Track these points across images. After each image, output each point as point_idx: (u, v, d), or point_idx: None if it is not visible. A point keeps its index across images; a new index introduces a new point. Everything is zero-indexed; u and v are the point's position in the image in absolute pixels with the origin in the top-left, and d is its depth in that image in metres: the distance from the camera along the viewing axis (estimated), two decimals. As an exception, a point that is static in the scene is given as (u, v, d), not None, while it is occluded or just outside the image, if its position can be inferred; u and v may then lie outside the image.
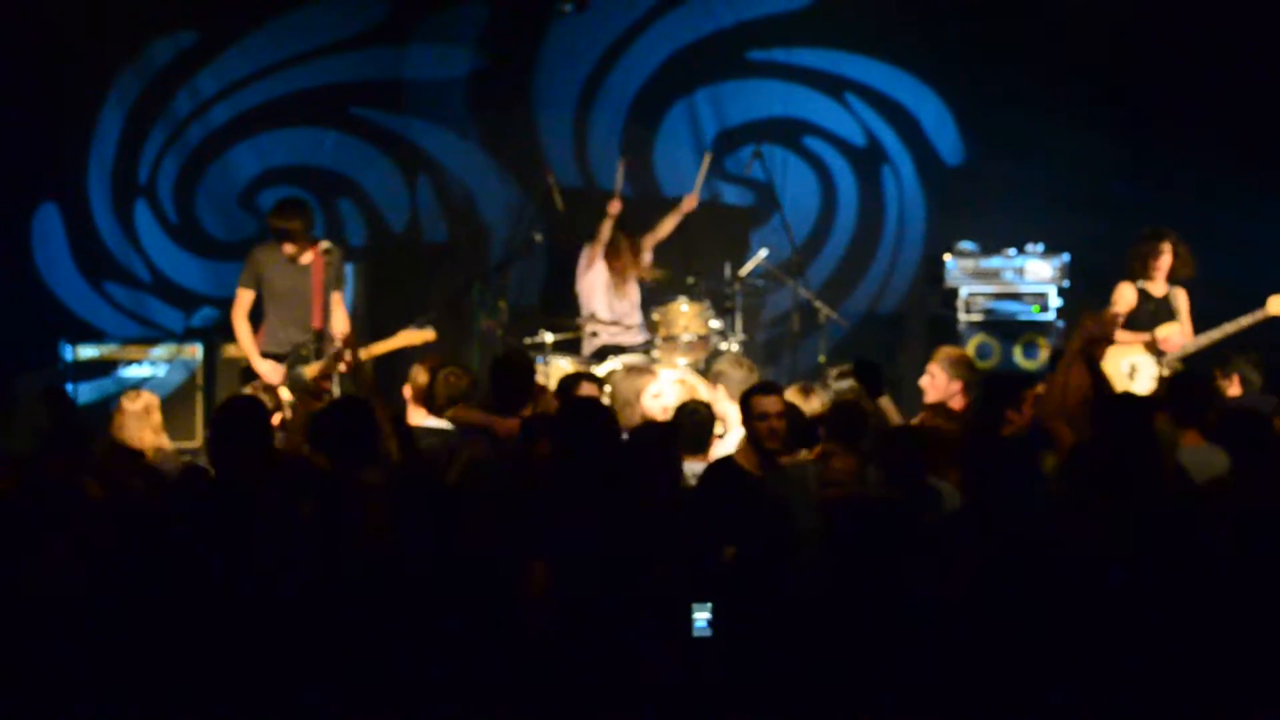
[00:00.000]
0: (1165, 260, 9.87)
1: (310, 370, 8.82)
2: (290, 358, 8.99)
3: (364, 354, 8.70)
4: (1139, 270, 9.90)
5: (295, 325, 9.10)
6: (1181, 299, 9.95)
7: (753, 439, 6.76)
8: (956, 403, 8.44)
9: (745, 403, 6.85)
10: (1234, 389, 8.64)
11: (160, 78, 12.04)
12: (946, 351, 8.70)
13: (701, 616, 5.08)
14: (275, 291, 9.17)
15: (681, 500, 6.22)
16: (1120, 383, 9.08)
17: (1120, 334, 9.64)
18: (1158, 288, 9.91)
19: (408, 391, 8.48)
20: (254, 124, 12.15)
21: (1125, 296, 9.90)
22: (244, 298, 9.23)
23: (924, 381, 8.58)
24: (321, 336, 9.02)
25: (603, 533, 5.58)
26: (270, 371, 8.97)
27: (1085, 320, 7.12)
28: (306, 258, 9.12)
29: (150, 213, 12.19)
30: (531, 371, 8.28)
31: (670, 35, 12.39)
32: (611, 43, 12.38)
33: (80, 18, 11.60)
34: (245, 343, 9.17)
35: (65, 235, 12.02)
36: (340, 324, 9.10)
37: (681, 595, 5.17)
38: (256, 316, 9.30)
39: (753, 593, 5.43)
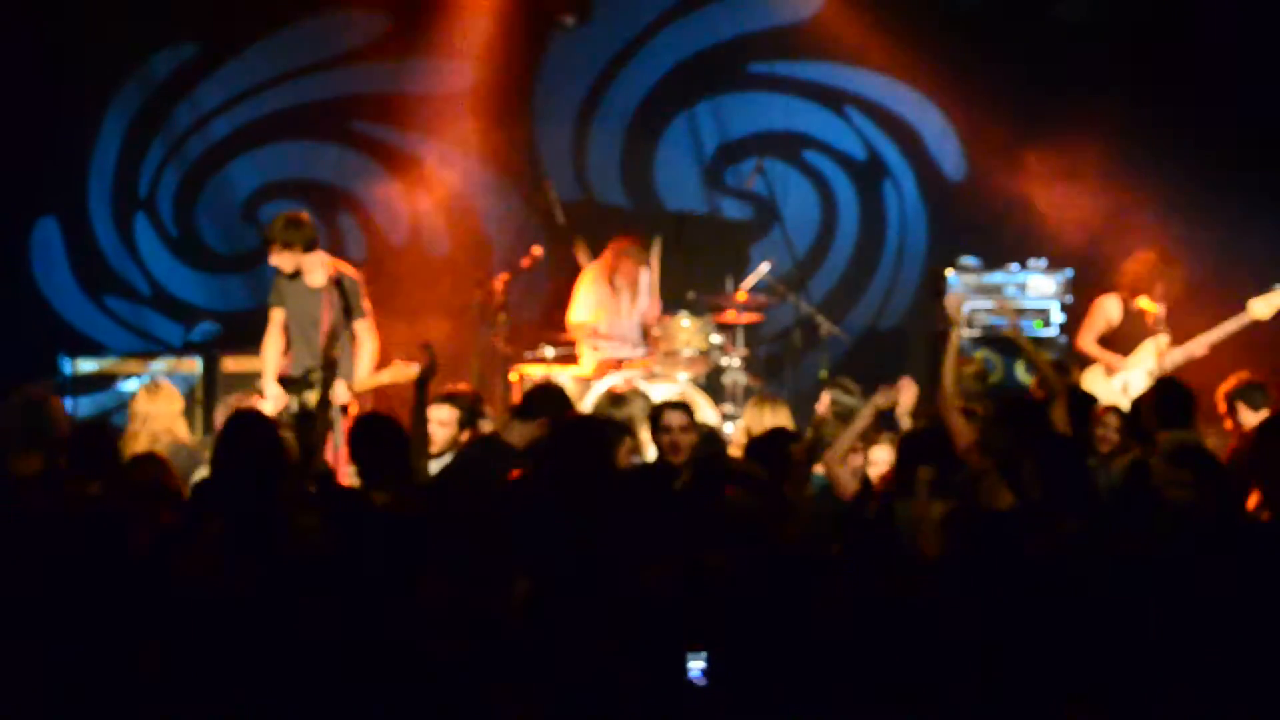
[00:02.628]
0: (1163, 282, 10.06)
1: (313, 398, 8.65)
2: (296, 383, 8.78)
3: (356, 388, 8.79)
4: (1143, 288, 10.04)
5: (307, 350, 8.99)
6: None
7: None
8: None
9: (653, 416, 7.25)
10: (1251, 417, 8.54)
11: (161, 91, 12.11)
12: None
13: (696, 665, 4.97)
14: (291, 314, 9.13)
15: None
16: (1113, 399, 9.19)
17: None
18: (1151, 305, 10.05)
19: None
20: (255, 137, 12.22)
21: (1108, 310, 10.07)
22: (273, 318, 9.19)
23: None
24: (331, 364, 8.65)
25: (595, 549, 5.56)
26: (273, 399, 8.90)
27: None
28: (317, 280, 9.04)
29: (150, 226, 12.26)
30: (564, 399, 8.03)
31: (672, 48, 12.44)
32: (613, 56, 12.43)
33: (81, 30, 11.70)
34: (266, 363, 9.11)
35: (65, 248, 12.09)
36: (366, 355, 9.04)
37: (675, 635, 5.10)
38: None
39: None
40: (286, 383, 8.94)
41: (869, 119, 12.48)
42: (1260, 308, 9.63)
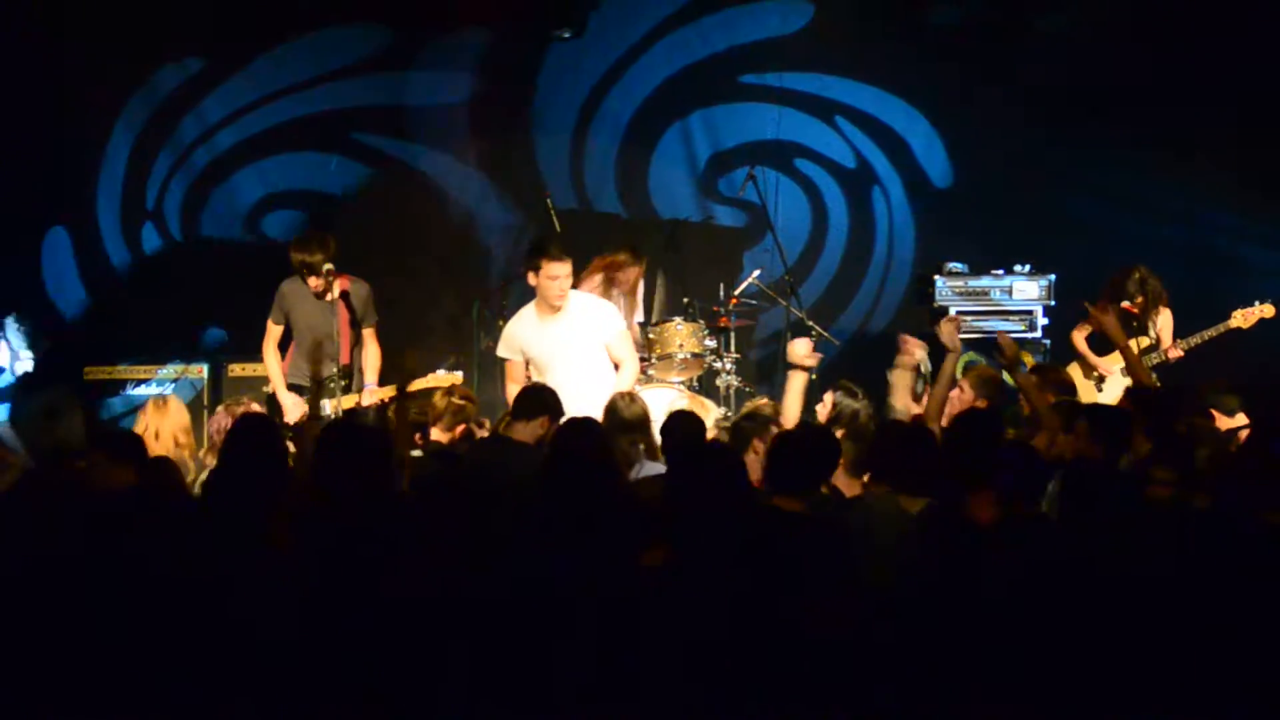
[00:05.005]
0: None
1: (335, 405, 8.93)
2: (314, 391, 8.98)
3: (389, 393, 8.97)
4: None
5: (319, 359, 9.07)
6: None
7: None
8: None
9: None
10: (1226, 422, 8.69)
11: (167, 103, 12.20)
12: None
13: None
14: (301, 327, 9.25)
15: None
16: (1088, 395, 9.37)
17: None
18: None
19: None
20: (259, 149, 12.32)
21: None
22: (273, 331, 9.32)
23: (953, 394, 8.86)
24: (350, 372, 9.14)
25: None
26: (293, 406, 9.09)
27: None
28: (332, 292, 9.07)
29: (158, 235, 12.34)
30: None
31: (665, 60, 12.54)
32: (608, 68, 12.54)
33: (89, 44, 11.79)
34: (274, 375, 9.30)
35: (75, 257, 12.18)
36: (373, 358, 9.22)
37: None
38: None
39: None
40: (301, 390, 9.16)
41: (858, 128, 12.58)
42: (1241, 319, 9.91)
